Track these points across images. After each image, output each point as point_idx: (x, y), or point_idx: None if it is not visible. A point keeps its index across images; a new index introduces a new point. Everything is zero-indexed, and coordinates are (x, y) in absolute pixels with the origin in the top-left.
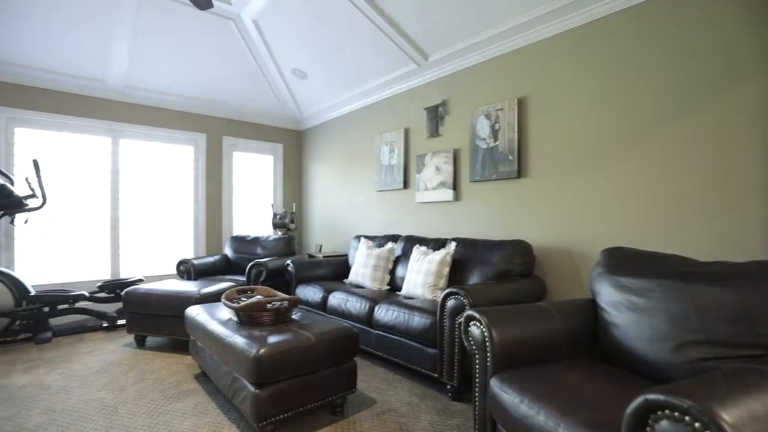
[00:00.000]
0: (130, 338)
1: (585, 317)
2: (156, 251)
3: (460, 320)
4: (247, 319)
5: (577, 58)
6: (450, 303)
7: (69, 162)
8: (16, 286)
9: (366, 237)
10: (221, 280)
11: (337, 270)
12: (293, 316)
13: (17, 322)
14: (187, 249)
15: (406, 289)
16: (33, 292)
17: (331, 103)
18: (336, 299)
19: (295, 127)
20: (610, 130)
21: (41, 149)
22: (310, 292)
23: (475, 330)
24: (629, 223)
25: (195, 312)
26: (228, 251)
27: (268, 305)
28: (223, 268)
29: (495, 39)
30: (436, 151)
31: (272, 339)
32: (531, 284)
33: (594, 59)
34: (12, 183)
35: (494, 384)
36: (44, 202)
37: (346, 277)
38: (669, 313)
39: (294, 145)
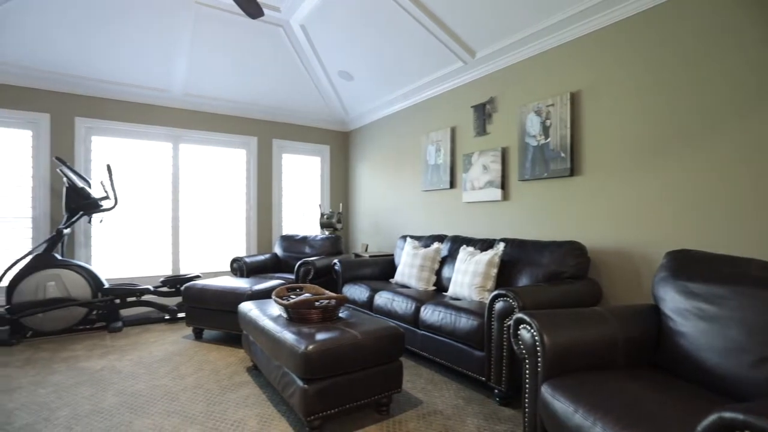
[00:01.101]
0: (188, 330)
1: (646, 324)
2: (212, 249)
3: (509, 323)
4: (296, 315)
5: (632, 50)
6: (498, 305)
7: (136, 166)
8: (93, 279)
9: (412, 237)
10: (271, 278)
11: (383, 270)
12: (340, 314)
13: (94, 312)
14: (240, 247)
15: (453, 289)
16: (106, 285)
17: (376, 104)
18: (382, 299)
19: (342, 128)
20: (672, 124)
21: (113, 155)
22: (357, 291)
23: (525, 334)
24: (694, 224)
25: (247, 308)
26: (277, 250)
27: (316, 303)
28: (273, 266)
29: (544, 32)
30: (484, 150)
31: (320, 336)
32: (585, 287)
33: (650, 50)
34: (90, 186)
35: (545, 391)
36: (116, 204)
37: (392, 277)
38: (746, 324)
39: (340, 147)
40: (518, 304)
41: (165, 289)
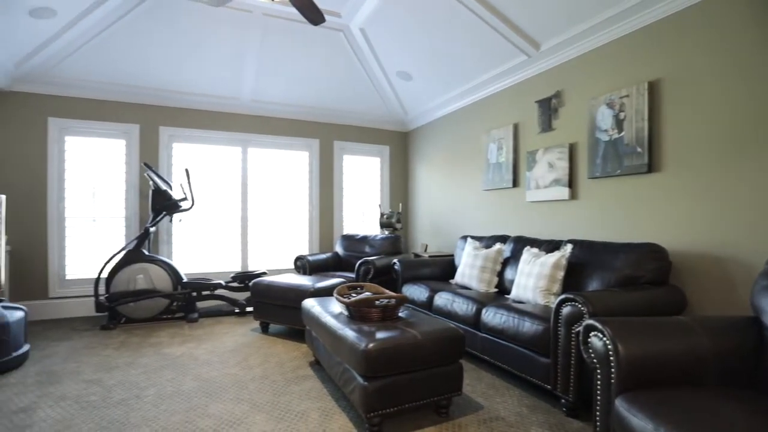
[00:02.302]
0: (256, 324)
1: (743, 339)
2: (277, 247)
3: (577, 329)
4: (356, 313)
5: (716, 33)
6: (566, 310)
7: (209, 169)
8: (174, 273)
9: (473, 237)
10: (332, 276)
11: (442, 270)
12: (400, 314)
13: (174, 303)
14: (303, 246)
15: (516, 292)
16: (185, 279)
17: (435, 103)
18: (442, 299)
19: (401, 128)
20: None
21: (190, 159)
22: (416, 291)
23: (596, 342)
24: None
25: (310, 304)
26: (338, 249)
27: (377, 302)
28: (334, 264)
29: (616, 19)
30: (549, 147)
31: (380, 335)
32: (666, 294)
33: (737, 33)
34: (171, 189)
35: (620, 405)
36: (193, 204)
37: (452, 278)
38: None
39: (400, 147)
40: (588, 310)
41: (235, 284)
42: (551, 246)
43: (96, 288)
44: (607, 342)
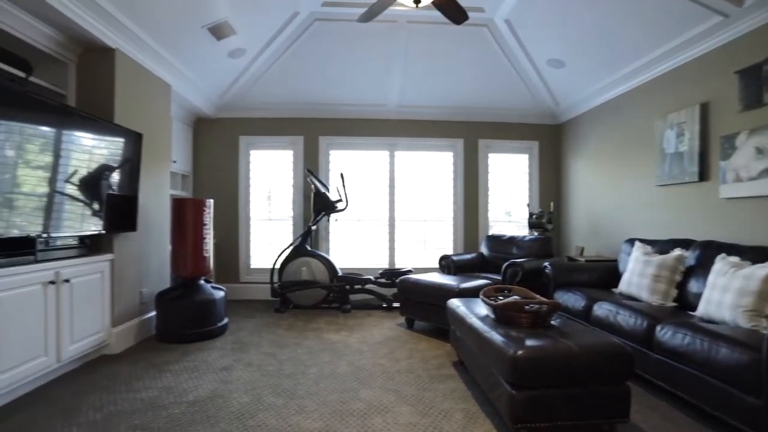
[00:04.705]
0: (401, 319)
1: None
2: (422, 246)
3: None
4: (503, 317)
5: None
6: None
7: (360, 173)
8: (331, 267)
9: (642, 241)
10: (477, 277)
11: (602, 277)
12: (552, 322)
13: (330, 295)
14: (447, 245)
15: (705, 309)
16: (340, 273)
17: (593, 89)
18: (603, 310)
19: (552, 121)
20: None
21: (344, 164)
22: (571, 299)
23: None
24: None
25: (455, 304)
26: (483, 249)
27: (526, 307)
28: (479, 265)
29: None
30: (757, 128)
31: (530, 342)
32: None
33: None
34: (328, 191)
35: None
36: (347, 206)
37: (614, 286)
38: None
39: (550, 141)
40: None
41: (383, 280)
42: (760, 255)
43: (271, 276)
44: None
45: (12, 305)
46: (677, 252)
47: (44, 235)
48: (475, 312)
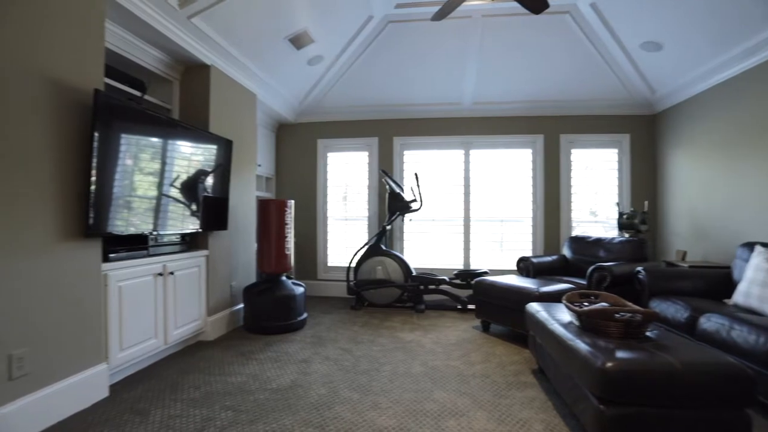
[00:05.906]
0: (477, 322)
1: None
2: (498, 247)
3: None
4: (589, 325)
5: None
6: None
7: (434, 172)
8: (405, 267)
9: (763, 245)
10: (559, 281)
11: (709, 285)
12: (647, 333)
13: (404, 294)
14: (526, 247)
15: None
16: (414, 273)
17: (697, 73)
18: (712, 323)
19: (646, 111)
20: None
21: (418, 164)
22: (670, 308)
23: None
24: None
25: (535, 309)
26: (566, 251)
27: (617, 315)
28: (561, 268)
29: None
30: None
31: (621, 353)
32: None
33: None
34: (403, 191)
35: None
36: (421, 206)
37: (726, 297)
38: None
39: (644, 133)
40: None
41: (457, 281)
42: None
43: (347, 275)
44: None
45: (132, 293)
46: None
47: (154, 233)
48: (557, 318)
